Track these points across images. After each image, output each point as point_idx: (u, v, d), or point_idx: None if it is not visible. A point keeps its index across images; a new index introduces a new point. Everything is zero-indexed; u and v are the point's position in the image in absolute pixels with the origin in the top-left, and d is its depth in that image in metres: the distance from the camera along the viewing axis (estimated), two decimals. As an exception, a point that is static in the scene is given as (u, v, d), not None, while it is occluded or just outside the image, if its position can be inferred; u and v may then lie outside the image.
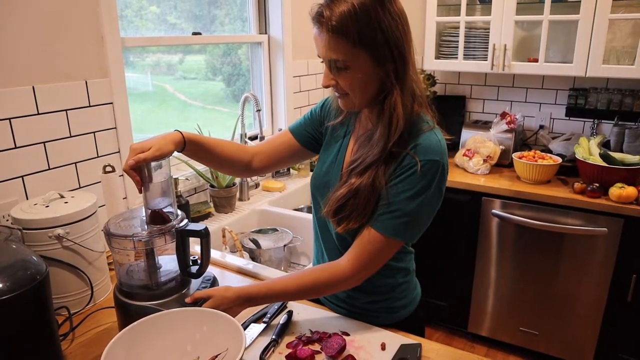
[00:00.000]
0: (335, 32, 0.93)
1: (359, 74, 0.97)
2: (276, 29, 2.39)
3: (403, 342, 1.07)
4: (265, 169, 1.28)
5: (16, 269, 0.89)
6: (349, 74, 0.97)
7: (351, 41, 0.93)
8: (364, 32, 0.93)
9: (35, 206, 1.21)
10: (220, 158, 1.20)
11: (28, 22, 1.33)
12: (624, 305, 2.12)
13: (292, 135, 1.25)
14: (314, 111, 1.25)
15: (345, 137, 1.16)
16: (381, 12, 0.93)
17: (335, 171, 1.14)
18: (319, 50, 0.99)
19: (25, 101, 1.34)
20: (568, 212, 2.14)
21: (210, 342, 0.91)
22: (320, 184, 1.17)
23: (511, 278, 2.38)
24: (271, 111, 2.53)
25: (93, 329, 1.18)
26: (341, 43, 0.94)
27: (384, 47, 0.95)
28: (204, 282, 1.11)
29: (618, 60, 2.29)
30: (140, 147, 0.99)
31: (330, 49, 0.95)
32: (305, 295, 1.08)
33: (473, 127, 2.66)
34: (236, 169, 1.25)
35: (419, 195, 0.99)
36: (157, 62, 2.04)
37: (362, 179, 1.01)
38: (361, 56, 0.95)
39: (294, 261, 2.02)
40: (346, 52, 0.94)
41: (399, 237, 1.02)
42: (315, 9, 0.97)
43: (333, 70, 0.99)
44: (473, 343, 2.62)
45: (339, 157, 1.15)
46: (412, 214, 1.00)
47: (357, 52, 0.95)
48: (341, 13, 0.92)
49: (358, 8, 0.92)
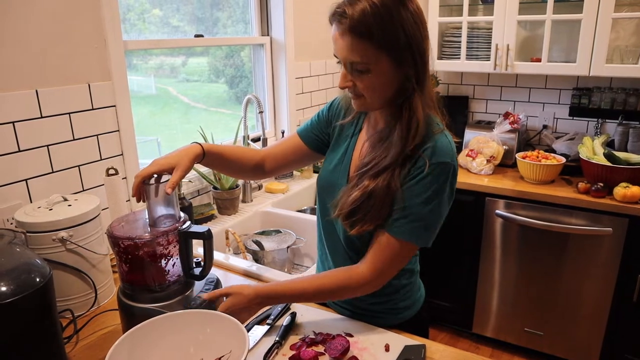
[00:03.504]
0: (358, 33, 0.90)
1: (379, 76, 0.95)
2: (278, 30, 2.39)
3: (407, 343, 1.07)
4: (275, 171, 1.29)
5: (20, 272, 0.89)
6: (369, 76, 0.95)
7: (374, 44, 0.90)
8: (388, 34, 0.90)
9: (39, 209, 1.21)
10: (235, 165, 1.22)
11: (31, 26, 1.33)
12: (630, 305, 2.11)
13: (300, 139, 1.25)
14: (321, 113, 1.24)
15: (353, 137, 1.15)
16: (403, 12, 0.90)
17: (342, 171, 1.13)
18: (337, 51, 0.95)
19: (28, 105, 1.35)
20: (572, 212, 2.13)
21: (214, 344, 0.91)
22: (326, 184, 1.17)
23: (515, 278, 2.37)
24: (274, 113, 2.53)
25: (97, 331, 1.18)
26: (364, 46, 0.91)
27: (406, 51, 0.92)
28: (207, 284, 1.11)
29: (622, 59, 2.28)
30: (166, 163, 1.02)
31: (352, 51, 0.92)
32: (323, 297, 1.09)
33: (476, 128, 2.66)
34: (249, 173, 1.27)
35: (433, 199, 0.98)
36: (160, 64, 2.04)
37: (377, 181, 0.99)
38: (383, 59, 0.93)
39: (298, 263, 2.02)
40: (368, 55, 0.92)
41: (416, 242, 1.01)
42: (334, 7, 0.93)
43: (352, 73, 0.96)
44: (478, 344, 2.61)
45: (347, 156, 1.14)
46: (427, 217, 0.99)
47: (379, 55, 0.92)
48: (364, 13, 0.88)
49: (381, 8, 0.89)
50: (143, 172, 1.01)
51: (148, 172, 1.01)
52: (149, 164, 1.04)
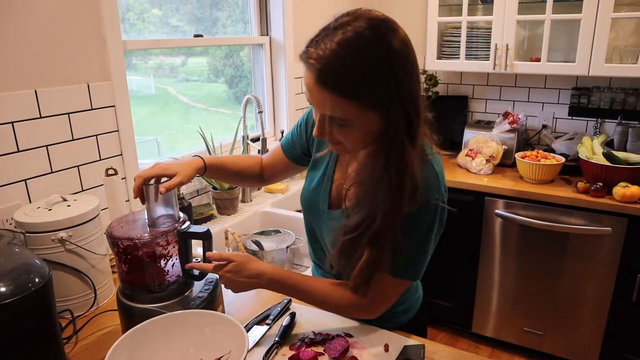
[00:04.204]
0: (337, 90, 0.77)
1: (362, 129, 0.84)
2: (277, 30, 2.39)
3: (406, 343, 1.07)
4: (273, 180, 1.31)
5: (19, 273, 0.89)
6: (350, 130, 0.84)
7: (357, 102, 0.79)
8: (373, 90, 0.78)
9: (38, 209, 1.21)
10: (237, 175, 1.24)
11: (30, 26, 1.33)
12: (629, 305, 2.11)
13: (283, 153, 1.24)
14: (297, 127, 1.20)
15: (332, 155, 1.11)
16: (392, 57, 0.78)
17: (323, 194, 1.11)
18: (312, 101, 0.83)
19: (27, 105, 1.35)
20: (572, 212, 2.13)
21: (213, 344, 0.91)
22: (309, 204, 1.16)
23: (515, 278, 2.37)
24: (273, 113, 2.53)
25: (96, 331, 1.18)
26: (344, 102, 0.78)
27: (397, 107, 0.81)
28: (207, 284, 1.11)
29: (621, 59, 2.28)
30: (168, 168, 1.03)
31: (331, 108, 0.81)
32: (322, 307, 1.09)
33: (475, 127, 2.65)
34: (251, 182, 1.31)
35: (429, 234, 0.97)
36: (160, 64, 2.04)
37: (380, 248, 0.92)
38: (370, 116, 0.81)
39: (297, 262, 2.02)
40: (352, 113, 0.80)
41: (415, 278, 1.03)
42: (306, 44, 0.80)
43: (332, 126, 0.85)
44: (477, 343, 2.61)
45: (326, 180, 1.11)
46: (424, 252, 0.99)
47: (365, 113, 0.81)
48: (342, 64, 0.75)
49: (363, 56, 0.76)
50: (144, 173, 1.02)
51: (150, 174, 1.02)
52: (151, 166, 1.04)
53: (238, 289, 1.04)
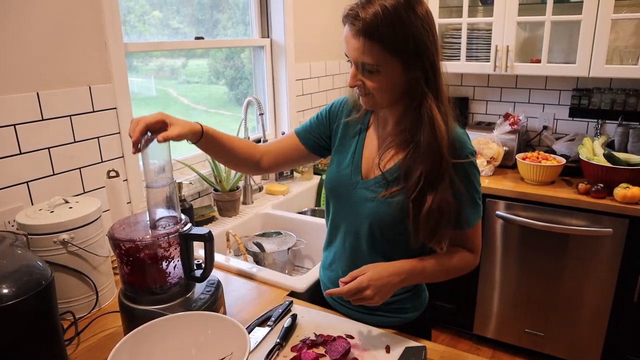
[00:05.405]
0: (369, 36, 0.94)
1: (388, 77, 0.99)
2: (278, 32, 2.39)
3: (408, 345, 1.07)
4: (272, 169, 1.29)
5: (21, 275, 0.90)
6: (378, 77, 0.99)
7: (385, 47, 0.95)
8: (397, 39, 0.94)
9: (40, 212, 1.22)
10: (232, 155, 1.21)
11: (32, 29, 1.34)
12: (630, 306, 2.11)
13: (298, 139, 1.25)
14: (320, 115, 1.25)
15: (361, 134, 1.17)
16: (413, 18, 0.94)
17: (355, 168, 1.14)
18: (348, 51, 1.00)
19: (29, 107, 1.35)
20: (572, 213, 2.14)
21: (215, 346, 0.91)
22: (336, 183, 1.17)
23: (516, 279, 2.37)
24: (274, 114, 2.53)
25: (98, 333, 1.18)
26: (375, 48, 0.95)
27: (415, 56, 0.96)
28: (208, 286, 1.11)
29: (621, 60, 2.28)
30: (168, 118, 1.02)
31: (363, 52, 0.96)
32: (443, 278, 1.14)
33: (476, 129, 2.66)
34: (245, 167, 1.27)
35: (477, 180, 1.09)
36: (161, 66, 2.05)
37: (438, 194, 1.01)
38: (392, 62, 0.97)
39: (298, 264, 2.02)
40: (378, 57, 0.96)
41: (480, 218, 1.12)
42: (347, 9, 0.97)
43: (362, 72, 1.00)
44: (478, 345, 2.61)
45: (357, 154, 1.16)
46: (479, 197, 1.10)
47: (388, 58, 0.96)
48: (377, 18, 0.93)
49: (393, 13, 0.93)
50: (147, 118, 0.98)
51: (152, 119, 0.98)
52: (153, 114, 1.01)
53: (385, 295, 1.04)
